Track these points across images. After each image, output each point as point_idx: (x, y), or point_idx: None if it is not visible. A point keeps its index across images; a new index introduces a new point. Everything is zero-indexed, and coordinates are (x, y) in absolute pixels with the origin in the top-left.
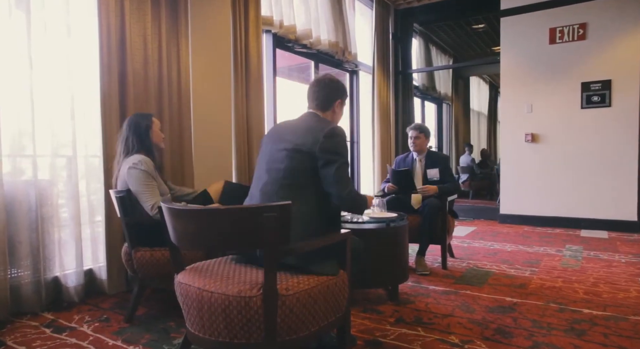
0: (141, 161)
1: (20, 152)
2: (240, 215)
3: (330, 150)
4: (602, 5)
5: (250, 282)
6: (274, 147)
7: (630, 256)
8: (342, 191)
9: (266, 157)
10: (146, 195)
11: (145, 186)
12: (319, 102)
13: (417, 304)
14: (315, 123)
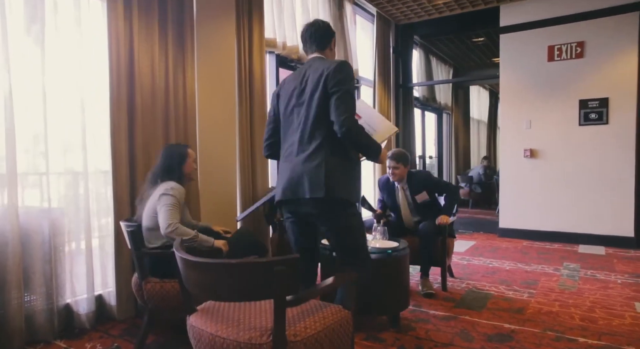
0: (174, 187)
1: (33, 183)
2: (252, 269)
3: (335, 82)
4: (599, 25)
5: (260, 328)
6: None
7: (626, 276)
8: (340, 116)
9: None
10: (166, 213)
11: (168, 207)
12: (319, 42)
13: (417, 331)
14: (325, 63)
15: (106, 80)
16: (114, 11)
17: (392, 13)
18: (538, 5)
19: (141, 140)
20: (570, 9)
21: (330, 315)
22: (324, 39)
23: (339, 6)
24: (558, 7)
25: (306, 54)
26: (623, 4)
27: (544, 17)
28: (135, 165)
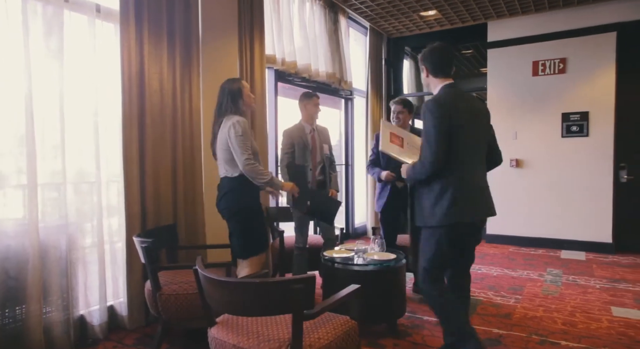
0: (239, 121)
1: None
2: (274, 287)
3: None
4: (580, 42)
5: (278, 339)
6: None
7: (604, 281)
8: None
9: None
10: (240, 149)
11: (241, 143)
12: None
13: (414, 336)
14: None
15: (119, 99)
16: (126, 33)
17: (384, 27)
18: (523, 23)
19: (151, 155)
20: (553, 27)
21: (340, 326)
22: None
23: (334, 21)
24: (542, 25)
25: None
26: (602, 24)
27: (529, 34)
28: (145, 179)
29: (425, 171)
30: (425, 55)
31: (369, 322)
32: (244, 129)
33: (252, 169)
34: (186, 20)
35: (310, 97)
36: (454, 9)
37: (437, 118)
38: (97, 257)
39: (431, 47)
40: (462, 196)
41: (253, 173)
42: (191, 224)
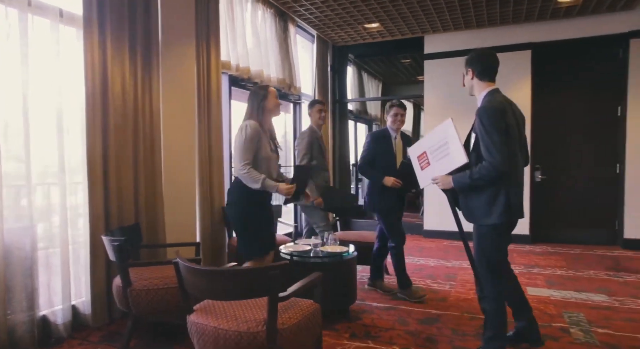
0: (247, 125)
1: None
2: (252, 274)
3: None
4: (502, 58)
5: (255, 320)
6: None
7: (522, 267)
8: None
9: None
10: (240, 155)
11: (240, 149)
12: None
13: (364, 320)
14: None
15: (82, 102)
16: (89, 38)
17: (330, 36)
18: (455, 38)
19: (114, 157)
20: (481, 43)
21: (306, 308)
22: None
23: (284, 29)
24: (471, 40)
25: (485, 80)
26: (519, 43)
27: (461, 48)
28: (108, 180)
29: (496, 174)
30: (474, 59)
31: (325, 308)
32: (252, 134)
33: (245, 175)
34: (146, 26)
35: (313, 104)
36: (394, 22)
37: (498, 122)
38: (60, 258)
39: (481, 52)
40: (516, 194)
41: (245, 179)
42: (152, 223)
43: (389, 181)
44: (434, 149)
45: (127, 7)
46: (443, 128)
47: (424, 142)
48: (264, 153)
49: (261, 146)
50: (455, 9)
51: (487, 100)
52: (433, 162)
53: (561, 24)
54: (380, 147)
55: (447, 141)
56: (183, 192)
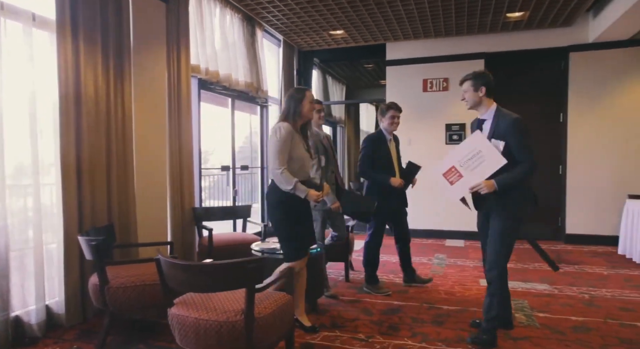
0: (280, 127)
1: None
2: (231, 268)
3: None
4: (459, 66)
5: (233, 310)
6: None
7: (476, 261)
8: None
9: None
10: (274, 156)
11: (279, 146)
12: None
13: (331, 312)
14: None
15: (56, 105)
16: (62, 42)
17: (296, 41)
18: (416, 46)
19: (87, 158)
20: (439, 52)
21: (279, 299)
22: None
23: (252, 33)
24: (430, 49)
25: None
26: (474, 52)
27: (420, 56)
28: (82, 182)
29: (532, 172)
30: (485, 78)
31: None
32: (285, 136)
33: (279, 177)
34: (118, 30)
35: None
36: (358, 30)
37: (527, 129)
38: (33, 259)
39: (487, 73)
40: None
41: (278, 181)
42: (125, 224)
43: (396, 182)
44: (465, 160)
45: (99, 12)
46: (473, 140)
47: (452, 158)
48: (297, 153)
49: (294, 146)
50: (415, 19)
51: (508, 112)
52: (466, 173)
53: (511, 36)
54: (378, 150)
55: (481, 150)
56: (154, 193)
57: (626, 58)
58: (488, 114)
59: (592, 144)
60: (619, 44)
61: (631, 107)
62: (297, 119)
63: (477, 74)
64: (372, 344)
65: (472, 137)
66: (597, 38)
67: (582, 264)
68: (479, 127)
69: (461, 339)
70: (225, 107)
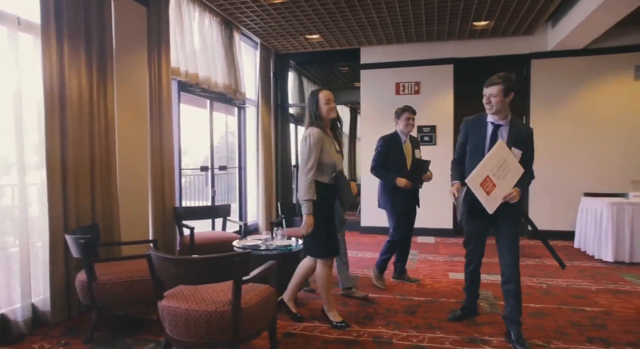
0: (311, 134)
1: None
2: (220, 261)
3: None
4: (429, 70)
5: (221, 301)
6: None
7: (446, 256)
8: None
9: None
10: (303, 163)
11: (304, 156)
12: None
13: (310, 305)
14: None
15: (41, 106)
16: (47, 46)
17: (273, 44)
18: (388, 51)
19: (72, 160)
20: (411, 57)
21: (263, 291)
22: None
23: (230, 36)
24: (402, 54)
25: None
26: (443, 58)
27: (393, 60)
28: (67, 182)
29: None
30: (515, 84)
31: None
32: (314, 142)
33: (305, 183)
34: (101, 34)
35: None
36: (333, 35)
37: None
38: (19, 258)
39: (514, 77)
40: None
41: (302, 186)
42: (108, 223)
43: (402, 182)
44: (496, 170)
45: (82, 16)
46: (499, 150)
47: (485, 168)
48: (327, 159)
49: (325, 151)
50: (388, 26)
51: (520, 121)
52: (498, 182)
53: (478, 43)
54: (392, 150)
55: (506, 159)
56: (136, 193)
57: (582, 65)
58: (507, 120)
59: (552, 145)
60: (575, 53)
61: (587, 112)
62: (320, 121)
63: (508, 78)
64: (349, 332)
65: (497, 147)
66: (556, 46)
67: (543, 257)
68: (495, 132)
69: (430, 327)
70: (203, 108)
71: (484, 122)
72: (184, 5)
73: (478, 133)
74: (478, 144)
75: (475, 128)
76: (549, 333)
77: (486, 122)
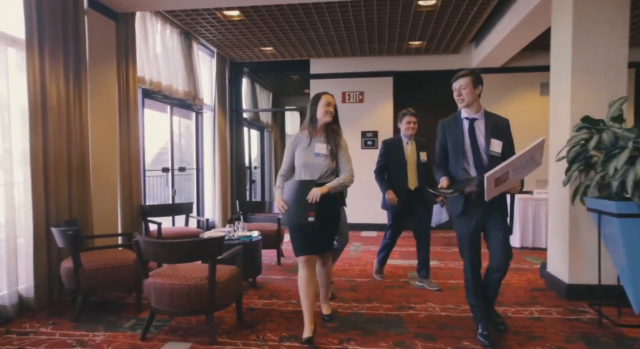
0: (291, 137)
1: None
2: (198, 243)
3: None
4: (372, 81)
5: (199, 277)
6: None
7: None
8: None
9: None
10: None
11: (284, 155)
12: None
13: (268, 287)
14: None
15: (26, 113)
16: (31, 59)
17: (229, 54)
18: (336, 63)
19: (52, 161)
20: (356, 68)
21: (232, 270)
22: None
23: (189, 46)
24: (348, 65)
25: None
26: (384, 70)
27: (340, 71)
28: (48, 182)
29: None
30: (481, 78)
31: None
32: (287, 145)
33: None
34: (76, 47)
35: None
36: (286, 48)
37: None
38: (5, 249)
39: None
40: None
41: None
42: (83, 217)
43: (389, 194)
44: (518, 167)
45: (61, 31)
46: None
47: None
48: (301, 161)
49: (300, 153)
50: (335, 42)
51: (495, 114)
52: (512, 177)
53: (414, 58)
54: (393, 153)
55: (534, 155)
56: (107, 191)
57: (500, 81)
58: (480, 113)
59: None
60: (494, 70)
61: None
62: (314, 123)
63: (474, 71)
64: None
65: (537, 144)
66: (478, 64)
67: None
68: (471, 126)
69: (368, 300)
70: (164, 113)
71: (459, 119)
72: (148, 19)
73: (455, 130)
74: (457, 141)
75: (451, 126)
76: (460, 299)
77: (461, 119)
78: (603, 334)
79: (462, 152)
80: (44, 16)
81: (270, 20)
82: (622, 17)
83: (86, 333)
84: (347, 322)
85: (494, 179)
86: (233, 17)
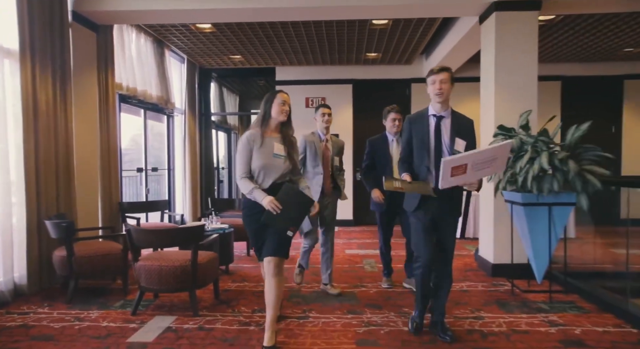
0: (244, 136)
1: None
2: (185, 231)
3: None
4: (333, 88)
5: (184, 259)
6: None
7: (345, 239)
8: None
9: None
10: (237, 164)
11: (238, 156)
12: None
13: (239, 273)
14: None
15: (20, 118)
16: (24, 69)
17: (199, 61)
18: (299, 70)
19: (43, 162)
20: (318, 76)
21: (210, 255)
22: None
23: (161, 54)
24: (311, 73)
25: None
26: (344, 78)
27: (303, 78)
28: (39, 181)
29: None
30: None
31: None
32: (242, 145)
33: (240, 184)
34: (62, 58)
35: (318, 108)
36: (253, 56)
37: None
38: (1, 240)
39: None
40: None
41: (240, 187)
42: (68, 213)
43: (374, 193)
44: (479, 162)
45: (49, 44)
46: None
47: (470, 158)
48: (260, 162)
49: (258, 153)
50: (298, 52)
51: (461, 113)
52: (470, 172)
53: (371, 68)
54: (378, 151)
55: (497, 157)
56: (89, 189)
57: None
58: (448, 112)
59: None
60: None
61: None
62: (268, 121)
63: (451, 69)
64: None
65: (502, 145)
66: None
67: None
68: (438, 124)
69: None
70: (138, 116)
71: (426, 116)
72: (124, 29)
73: (422, 127)
74: (423, 137)
75: (418, 123)
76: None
77: (428, 116)
78: (513, 299)
79: (426, 149)
80: (35, 30)
81: (240, 33)
82: (531, 45)
83: (81, 312)
84: (309, 298)
85: (450, 167)
86: (205, 29)
